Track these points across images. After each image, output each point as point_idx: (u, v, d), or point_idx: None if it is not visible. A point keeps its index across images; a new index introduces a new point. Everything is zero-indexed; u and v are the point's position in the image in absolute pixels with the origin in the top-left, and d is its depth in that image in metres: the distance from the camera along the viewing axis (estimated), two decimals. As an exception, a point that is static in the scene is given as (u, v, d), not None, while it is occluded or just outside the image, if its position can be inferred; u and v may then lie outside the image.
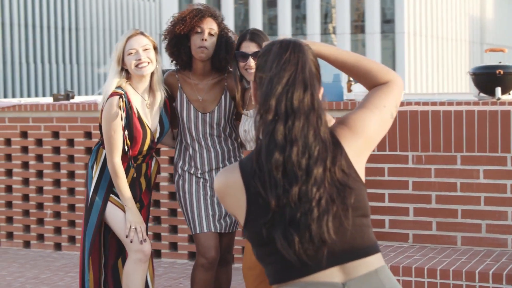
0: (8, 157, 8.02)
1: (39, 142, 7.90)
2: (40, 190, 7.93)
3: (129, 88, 4.62)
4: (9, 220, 8.04)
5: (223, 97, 4.77)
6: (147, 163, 4.75)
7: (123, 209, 4.63)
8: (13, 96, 59.67)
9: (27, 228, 8.00)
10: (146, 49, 4.59)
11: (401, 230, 5.17)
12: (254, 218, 2.37)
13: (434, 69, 60.06)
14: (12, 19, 60.30)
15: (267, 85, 2.36)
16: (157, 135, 4.70)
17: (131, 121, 4.56)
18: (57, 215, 7.88)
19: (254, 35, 4.48)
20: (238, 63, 4.48)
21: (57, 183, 7.86)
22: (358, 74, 2.61)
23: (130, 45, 4.58)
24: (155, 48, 4.66)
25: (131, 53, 4.57)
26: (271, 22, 57.66)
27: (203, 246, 4.69)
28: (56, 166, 7.85)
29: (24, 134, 7.95)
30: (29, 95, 60.40)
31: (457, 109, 5.05)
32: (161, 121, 4.71)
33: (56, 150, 7.84)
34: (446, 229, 5.07)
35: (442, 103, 6.77)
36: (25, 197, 7.97)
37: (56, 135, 7.82)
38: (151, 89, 4.68)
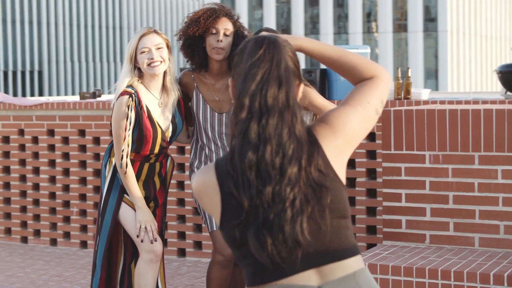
0: (35, 155, 8.08)
1: (65, 140, 7.94)
2: (66, 188, 7.97)
3: (141, 87, 4.59)
4: (36, 218, 8.10)
5: (239, 96, 4.73)
6: (160, 162, 4.73)
7: (135, 209, 4.61)
8: (58, 94, 60.25)
9: (53, 226, 8.05)
10: (159, 48, 4.56)
11: (418, 230, 5.09)
12: (228, 219, 2.31)
13: (477, 68, 59.45)
14: (57, 18, 60.92)
15: (242, 83, 2.30)
16: (169, 134, 4.67)
17: (141, 120, 4.54)
18: (83, 213, 7.92)
19: (266, 35, 4.44)
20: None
21: (83, 181, 7.89)
22: (343, 69, 2.52)
23: (143, 43, 4.56)
24: (168, 47, 4.63)
25: (144, 52, 4.54)
26: (313, 21, 57.50)
27: (220, 243, 4.66)
28: (83, 164, 7.88)
29: (51, 132, 7.99)
30: (73, 93, 60.94)
31: (475, 108, 4.96)
32: (173, 121, 4.68)
33: (82, 148, 7.88)
34: (464, 230, 4.99)
35: (467, 102, 6.66)
36: (52, 195, 8.02)
37: (82, 133, 7.85)
38: (164, 88, 4.66)
